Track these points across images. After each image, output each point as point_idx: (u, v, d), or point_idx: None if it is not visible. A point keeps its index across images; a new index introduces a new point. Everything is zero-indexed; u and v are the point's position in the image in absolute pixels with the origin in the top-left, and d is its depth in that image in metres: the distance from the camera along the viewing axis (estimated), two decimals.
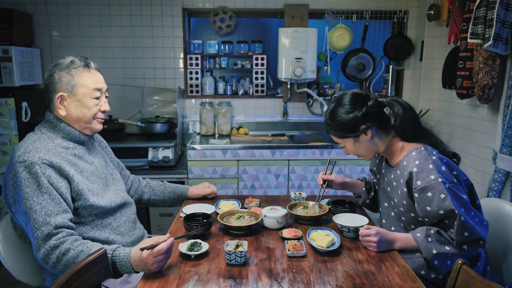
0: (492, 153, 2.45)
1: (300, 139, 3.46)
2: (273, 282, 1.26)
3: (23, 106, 2.98)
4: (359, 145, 1.59)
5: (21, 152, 1.41)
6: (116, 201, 1.62)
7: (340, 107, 1.56)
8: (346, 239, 1.58)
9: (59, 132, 1.54)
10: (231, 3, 3.41)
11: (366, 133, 1.55)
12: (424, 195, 1.43)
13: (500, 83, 2.34)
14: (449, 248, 1.42)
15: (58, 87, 1.51)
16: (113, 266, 1.35)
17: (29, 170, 1.38)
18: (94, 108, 1.56)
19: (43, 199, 1.37)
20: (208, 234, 1.62)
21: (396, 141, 1.58)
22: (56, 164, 1.43)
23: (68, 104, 1.52)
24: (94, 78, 1.56)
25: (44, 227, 1.35)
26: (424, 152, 1.48)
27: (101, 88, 1.58)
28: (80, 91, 1.52)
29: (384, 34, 3.64)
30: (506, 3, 2.10)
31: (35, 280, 1.57)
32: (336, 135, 1.60)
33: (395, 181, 1.58)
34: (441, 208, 1.39)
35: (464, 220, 1.38)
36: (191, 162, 2.97)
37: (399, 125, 1.54)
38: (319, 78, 3.60)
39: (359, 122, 1.53)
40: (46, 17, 3.32)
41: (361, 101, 1.54)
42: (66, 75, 1.51)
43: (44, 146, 1.46)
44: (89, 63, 1.57)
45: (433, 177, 1.41)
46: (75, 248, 1.36)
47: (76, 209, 1.49)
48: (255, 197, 2.02)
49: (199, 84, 3.48)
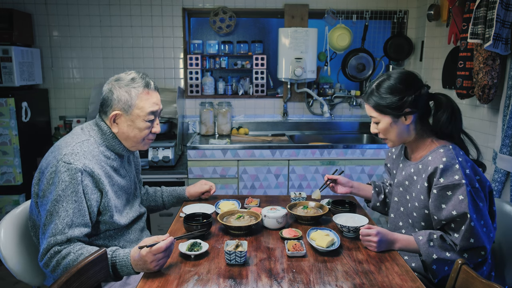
0: (492, 153, 2.46)
1: (300, 139, 3.46)
2: (273, 282, 1.26)
3: (23, 106, 2.98)
4: (395, 126, 1.53)
5: (68, 151, 1.42)
6: (132, 216, 1.65)
7: (391, 82, 1.51)
8: (346, 239, 1.58)
9: (106, 141, 1.55)
10: (231, 3, 3.41)
11: (407, 117, 1.51)
12: (444, 193, 1.41)
13: (500, 83, 2.34)
14: (450, 255, 1.42)
15: (115, 104, 1.51)
16: (113, 267, 1.35)
17: (70, 174, 1.38)
18: (146, 131, 1.56)
19: (71, 207, 1.37)
20: (208, 234, 1.62)
21: (426, 135, 1.56)
22: (97, 175, 1.44)
23: (121, 122, 1.54)
24: (151, 101, 1.55)
25: (59, 236, 1.36)
26: (452, 151, 1.46)
27: (156, 111, 1.57)
28: (135, 113, 1.52)
29: (384, 34, 3.64)
30: (506, 3, 2.10)
31: (35, 280, 1.57)
32: (377, 107, 1.53)
33: (415, 175, 1.55)
34: (455, 209, 1.39)
35: (473, 226, 1.37)
36: (191, 162, 2.98)
37: (439, 123, 1.51)
38: (319, 78, 3.60)
39: (406, 105, 1.48)
40: (46, 17, 3.32)
41: (416, 84, 1.50)
42: (125, 93, 1.51)
43: (91, 151, 1.47)
44: (149, 83, 1.56)
45: (458, 177, 1.39)
46: (76, 251, 1.36)
47: (97, 222, 1.51)
48: (255, 197, 2.02)
49: (199, 84, 3.48)
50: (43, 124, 3.33)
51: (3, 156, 2.92)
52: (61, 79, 3.42)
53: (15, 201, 2.98)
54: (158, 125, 1.61)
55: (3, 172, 2.93)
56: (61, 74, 3.41)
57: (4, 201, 2.98)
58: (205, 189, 1.99)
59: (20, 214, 1.62)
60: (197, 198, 2.00)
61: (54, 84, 3.42)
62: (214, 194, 2.05)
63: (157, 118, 1.60)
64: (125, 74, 1.55)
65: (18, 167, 2.95)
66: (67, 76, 3.42)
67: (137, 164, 1.83)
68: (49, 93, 3.42)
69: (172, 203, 2.00)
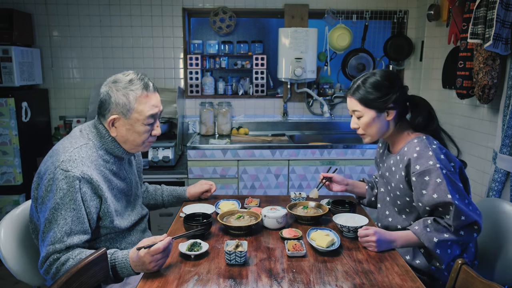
0: (492, 153, 2.45)
1: (300, 139, 3.46)
2: (273, 282, 1.26)
3: (23, 106, 2.98)
4: (377, 120, 1.60)
5: (66, 157, 1.39)
6: (134, 220, 1.64)
7: (376, 78, 1.59)
8: (346, 239, 1.58)
9: (105, 144, 1.52)
10: (231, 3, 3.41)
11: (389, 113, 1.59)
12: (422, 179, 1.48)
13: (500, 83, 2.34)
14: (448, 235, 1.45)
15: (113, 108, 1.47)
16: (113, 269, 1.35)
17: (68, 182, 1.36)
18: (145, 134, 1.53)
19: (70, 215, 1.36)
20: (208, 234, 1.62)
21: (403, 129, 1.64)
22: (95, 182, 1.42)
23: (120, 125, 1.50)
24: (151, 103, 1.50)
25: (58, 244, 1.35)
26: (425, 141, 1.54)
27: (155, 114, 1.52)
28: (134, 117, 1.48)
29: (384, 34, 3.64)
30: (506, 3, 2.10)
31: (35, 280, 1.57)
32: (362, 100, 1.59)
33: (394, 166, 1.63)
34: (435, 192, 1.44)
35: (458, 205, 1.42)
36: (191, 162, 2.98)
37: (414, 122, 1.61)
38: (319, 78, 3.60)
39: (391, 100, 1.56)
40: (46, 17, 3.32)
41: (399, 83, 1.61)
42: (123, 97, 1.46)
43: (89, 156, 1.45)
44: (148, 84, 1.50)
45: (432, 162, 1.47)
46: (74, 257, 1.35)
47: (98, 227, 1.50)
48: (255, 197, 2.02)
49: (199, 84, 3.48)
50: (43, 124, 3.33)
51: (3, 156, 2.92)
52: (61, 79, 3.42)
53: (15, 201, 2.98)
54: (158, 127, 1.57)
55: (3, 172, 2.93)
56: (61, 74, 3.41)
57: (4, 201, 2.98)
58: (205, 189, 1.99)
59: (20, 214, 1.62)
60: (197, 198, 2.00)
61: (54, 84, 3.42)
62: (214, 194, 2.05)
63: (157, 120, 1.57)
64: (122, 75, 1.50)
65: (18, 167, 2.95)
66: (67, 76, 3.42)
67: (138, 162, 1.81)
68: (49, 93, 3.42)
69: (172, 203, 1.99)
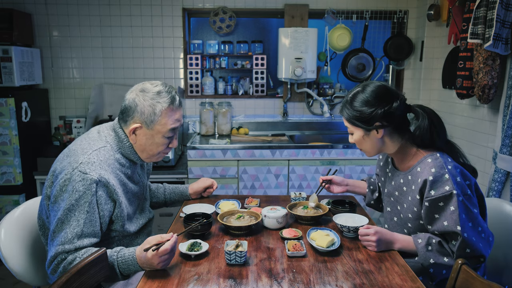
0: (492, 153, 2.46)
1: (300, 139, 3.46)
2: (273, 282, 1.27)
3: (23, 106, 2.98)
4: (367, 138, 1.53)
5: (85, 159, 1.39)
6: (141, 223, 1.65)
7: (364, 95, 1.49)
8: (346, 239, 1.58)
9: (121, 148, 1.53)
10: (231, 3, 3.41)
11: (378, 131, 1.49)
12: (435, 204, 1.40)
13: (500, 83, 2.34)
14: (448, 260, 1.42)
15: (137, 116, 1.48)
16: (119, 268, 1.35)
17: (85, 185, 1.36)
18: (163, 146, 1.55)
19: (83, 217, 1.36)
20: (208, 234, 1.62)
21: (410, 145, 1.53)
22: (112, 186, 1.42)
23: (140, 134, 1.51)
24: (174, 117, 1.51)
25: (68, 245, 1.35)
26: (440, 160, 1.44)
27: (176, 127, 1.53)
28: (157, 128, 1.49)
29: (384, 34, 3.64)
30: (506, 3, 2.10)
31: (35, 280, 1.57)
32: (348, 119, 1.54)
33: (405, 186, 1.54)
34: (446, 219, 1.38)
35: (467, 238, 1.36)
36: (191, 162, 2.98)
37: (418, 135, 1.49)
38: (319, 78, 3.60)
39: (376, 119, 1.47)
40: (46, 17, 3.32)
41: (387, 99, 1.47)
42: (149, 107, 1.46)
43: (107, 160, 1.45)
44: (175, 99, 1.51)
45: (448, 188, 1.38)
46: (81, 256, 1.35)
47: (108, 230, 1.50)
48: (255, 197, 2.02)
49: (199, 84, 3.48)
50: (43, 124, 3.33)
51: (3, 156, 2.92)
52: (61, 79, 3.42)
53: (15, 201, 2.98)
54: (176, 140, 1.58)
55: (3, 172, 2.93)
56: (61, 74, 3.41)
57: (4, 201, 2.98)
58: (208, 184, 2.00)
59: (20, 214, 1.62)
60: (199, 195, 2.01)
61: (54, 84, 3.42)
62: (214, 193, 2.06)
63: (176, 134, 1.58)
64: (151, 85, 1.50)
65: (18, 167, 2.95)
66: (67, 76, 3.42)
67: (148, 165, 1.82)
68: (49, 93, 3.42)
69: (174, 201, 1.99)
